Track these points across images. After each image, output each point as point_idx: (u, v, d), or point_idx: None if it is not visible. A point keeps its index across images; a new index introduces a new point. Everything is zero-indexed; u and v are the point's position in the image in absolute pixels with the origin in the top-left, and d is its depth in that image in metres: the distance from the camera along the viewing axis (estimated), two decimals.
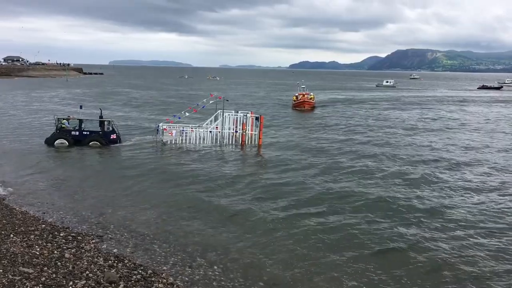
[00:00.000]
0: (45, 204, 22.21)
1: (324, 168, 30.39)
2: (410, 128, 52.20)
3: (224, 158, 34.14)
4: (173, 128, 39.06)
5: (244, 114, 40.35)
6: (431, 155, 35.17)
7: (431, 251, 16.99)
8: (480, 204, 23.03)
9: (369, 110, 74.41)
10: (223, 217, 20.60)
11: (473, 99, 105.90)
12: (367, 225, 19.78)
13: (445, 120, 61.80)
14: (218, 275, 14.91)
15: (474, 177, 28.88)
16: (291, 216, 20.71)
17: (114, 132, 38.39)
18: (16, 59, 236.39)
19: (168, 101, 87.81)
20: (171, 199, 23.26)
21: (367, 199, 23.38)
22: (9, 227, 18.05)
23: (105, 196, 23.64)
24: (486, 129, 52.86)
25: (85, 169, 29.94)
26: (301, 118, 63.16)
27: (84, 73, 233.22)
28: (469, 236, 18.56)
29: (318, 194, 24.40)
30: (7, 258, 14.77)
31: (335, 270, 15.38)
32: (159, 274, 14.62)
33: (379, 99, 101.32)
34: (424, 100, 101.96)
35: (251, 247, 17.23)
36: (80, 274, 14.02)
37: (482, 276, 15.04)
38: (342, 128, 51.26)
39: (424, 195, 24.33)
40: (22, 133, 43.60)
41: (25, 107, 68.35)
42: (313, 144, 40.46)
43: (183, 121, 41.98)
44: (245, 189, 25.28)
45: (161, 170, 29.58)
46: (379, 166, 31.16)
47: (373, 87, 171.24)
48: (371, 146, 39.54)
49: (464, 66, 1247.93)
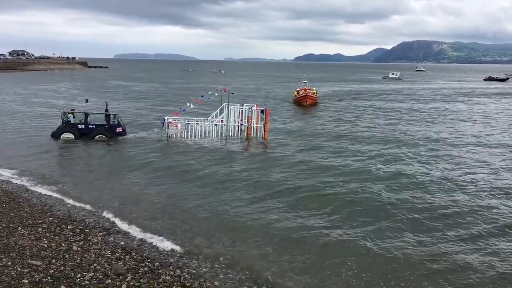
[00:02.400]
0: (52, 197, 22.38)
1: (331, 165, 30.32)
2: (431, 121, 51.90)
3: (229, 151, 34.13)
4: (179, 121, 39.10)
5: (250, 107, 40.33)
6: (452, 155, 33.23)
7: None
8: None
9: (378, 103, 73.71)
10: (228, 212, 20.64)
11: (482, 92, 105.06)
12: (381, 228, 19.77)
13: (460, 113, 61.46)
14: (225, 267, 14.99)
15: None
16: (294, 211, 20.75)
17: (120, 125, 38.51)
18: (21, 53, 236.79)
19: (172, 94, 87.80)
20: (176, 193, 23.34)
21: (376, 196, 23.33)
22: (17, 220, 18.22)
23: (112, 190, 23.76)
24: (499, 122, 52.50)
25: (91, 162, 30.06)
26: (301, 116, 62.55)
27: (89, 67, 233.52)
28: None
29: (320, 189, 24.40)
30: (16, 250, 14.93)
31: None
32: (166, 267, 14.72)
33: (389, 92, 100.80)
34: (433, 92, 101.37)
35: (258, 240, 17.28)
36: (88, 267, 14.15)
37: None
38: (348, 129, 45.95)
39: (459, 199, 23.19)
40: (28, 127, 43.83)
41: (30, 101, 68.61)
42: (319, 137, 40.40)
43: (189, 113, 42.01)
44: (250, 182, 25.32)
45: (166, 164, 29.64)
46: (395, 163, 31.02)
47: (379, 79, 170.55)
48: (382, 142, 38.63)
49: (470, 58, 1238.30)
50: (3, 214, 18.82)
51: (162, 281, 13.57)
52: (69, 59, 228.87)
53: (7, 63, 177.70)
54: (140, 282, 13.32)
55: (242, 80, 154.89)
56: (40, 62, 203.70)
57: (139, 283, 13.27)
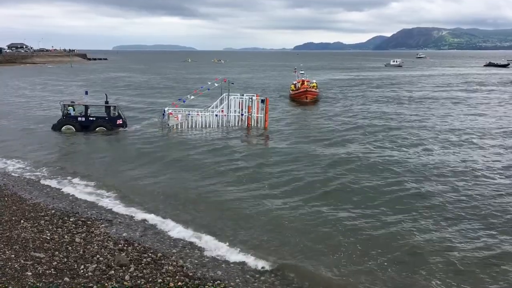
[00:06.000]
0: (54, 189, 22.41)
1: (336, 157, 30.29)
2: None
3: (230, 141, 34.07)
4: (179, 112, 39.03)
5: (250, 97, 40.24)
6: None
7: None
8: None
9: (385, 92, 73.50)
10: (231, 202, 20.65)
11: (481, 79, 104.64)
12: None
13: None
14: (228, 257, 15.01)
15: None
16: (296, 203, 20.69)
17: (120, 117, 38.47)
18: (20, 46, 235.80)
19: (172, 85, 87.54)
20: (178, 183, 23.35)
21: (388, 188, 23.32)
22: (19, 213, 18.26)
23: (113, 181, 23.75)
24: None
25: (92, 154, 30.04)
26: (303, 106, 60.69)
27: (88, 59, 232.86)
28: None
29: (323, 181, 24.42)
30: (19, 243, 14.98)
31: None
32: (168, 257, 14.77)
33: (391, 79, 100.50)
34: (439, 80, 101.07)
35: (259, 230, 17.31)
36: (91, 258, 14.20)
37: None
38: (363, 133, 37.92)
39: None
40: (28, 119, 43.78)
41: (30, 93, 68.53)
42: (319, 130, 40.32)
43: (189, 104, 41.93)
44: (252, 172, 25.34)
45: (167, 155, 29.63)
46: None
47: (381, 67, 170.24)
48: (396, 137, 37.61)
49: (470, 44, 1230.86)
50: (5, 207, 18.86)
51: (165, 271, 13.62)
52: (70, 52, 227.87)
53: (6, 56, 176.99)
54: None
55: (241, 69, 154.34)
56: (39, 55, 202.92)
57: (141, 273, 13.33)
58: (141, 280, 12.95)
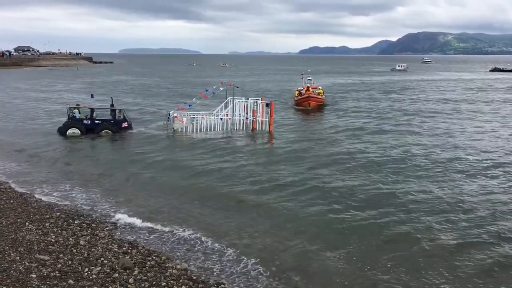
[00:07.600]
0: (59, 192, 22.46)
1: (338, 158, 30.26)
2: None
3: (235, 144, 34.11)
4: (184, 115, 39.12)
5: (255, 101, 40.28)
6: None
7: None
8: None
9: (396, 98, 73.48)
10: (235, 205, 20.67)
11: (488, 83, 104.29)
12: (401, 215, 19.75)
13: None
14: (232, 261, 15.01)
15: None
16: (301, 205, 20.70)
17: (126, 120, 38.60)
18: (27, 49, 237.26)
19: (177, 88, 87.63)
20: (182, 187, 23.34)
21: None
22: (24, 215, 18.33)
23: (117, 184, 23.84)
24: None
25: (98, 157, 30.13)
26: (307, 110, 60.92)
27: (94, 62, 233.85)
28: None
29: (326, 183, 24.37)
30: (24, 245, 15.03)
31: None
32: (173, 260, 14.77)
33: (395, 83, 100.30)
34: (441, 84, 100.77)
35: (263, 233, 17.28)
36: (95, 261, 14.23)
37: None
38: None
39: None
40: (34, 122, 43.99)
41: (36, 96, 68.81)
42: (323, 133, 40.25)
43: (194, 108, 42.00)
44: (257, 176, 25.27)
45: (172, 158, 29.66)
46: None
47: (387, 71, 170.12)
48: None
49: (476, 49, 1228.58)
50: (10, 209, 18.95)
51: (169, 274, 13.62)
52: (76, 55, 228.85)
53: (12, 59, 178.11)
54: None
55: (245, 74, 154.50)
56: (46, 58, 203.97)
57: (145, 277, 13.33)
58: (145, 283, 12.96)
